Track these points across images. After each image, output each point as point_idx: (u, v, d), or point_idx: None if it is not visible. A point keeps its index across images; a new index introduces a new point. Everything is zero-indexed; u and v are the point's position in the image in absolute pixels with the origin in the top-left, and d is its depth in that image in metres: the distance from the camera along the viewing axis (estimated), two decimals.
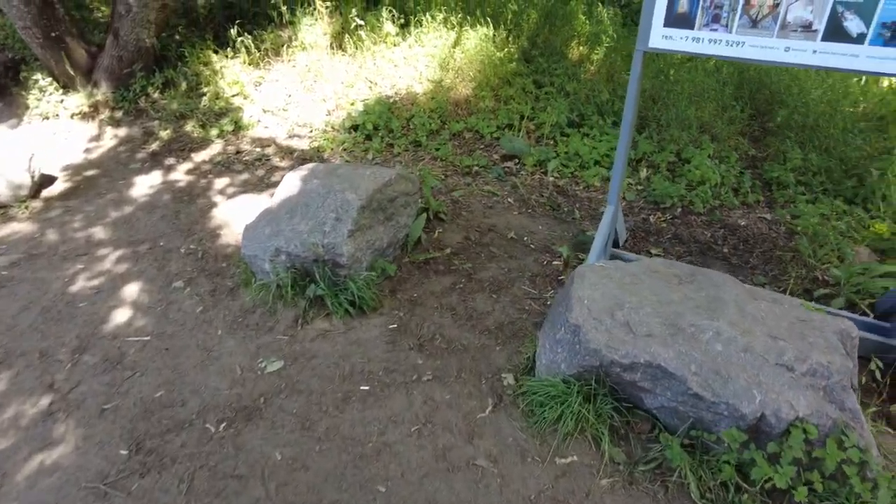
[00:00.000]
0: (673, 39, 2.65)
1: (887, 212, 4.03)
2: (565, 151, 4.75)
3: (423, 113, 5.27)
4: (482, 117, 5.20)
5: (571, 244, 3.61)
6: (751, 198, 4.25)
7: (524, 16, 6.33)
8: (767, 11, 2.43)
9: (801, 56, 2.43)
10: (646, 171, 4.54)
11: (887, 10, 2.23)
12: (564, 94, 5.53)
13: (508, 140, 4.72)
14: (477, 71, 5.63)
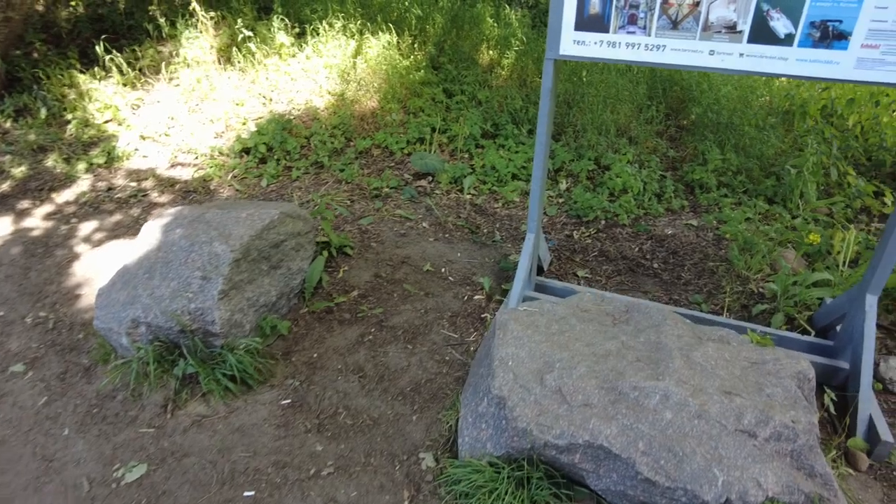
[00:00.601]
0: (586, 45, 2.30)
1: (806, 209, 3.91)
2: (481, 165, 4.38)
3: (325, 130, 4.75)
4: (390, 132, 4.75)
5: (493, 273, 3.23)
6: (675, 203, 4.02)
7: (429, 21, 5.92)
8: (688, 11, 2.11)
9: (728, 60, 2.13)
10: (565, 183, 4.23)
11: (815, 9, 1.96)
12: (476, 102, 5.16)
13: (420, 157, 4.29)
14: (382, 81, 5.17)
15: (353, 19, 5.71)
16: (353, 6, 5.91)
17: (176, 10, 5.73)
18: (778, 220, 3.81)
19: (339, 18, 5.67)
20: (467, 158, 4.57)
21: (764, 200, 4.04)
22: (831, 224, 3.84)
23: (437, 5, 6.23)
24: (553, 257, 3.40)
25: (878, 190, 4.12)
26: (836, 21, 1.95)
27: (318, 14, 5.93)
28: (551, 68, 2.39)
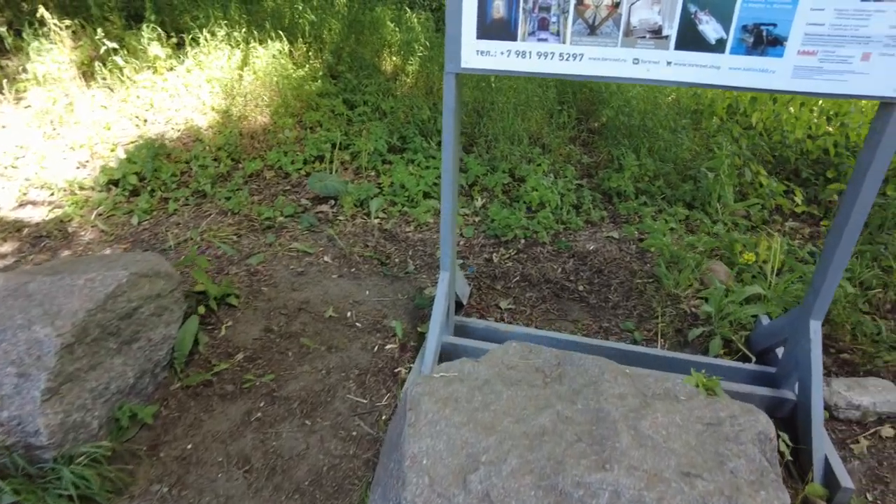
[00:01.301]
0: (492, 55, 1.92)
1: (725, 213, 3.78)
2: (389, 184, 3.95)
3: (209, 152, 4.15)
4: (285, 150, 4.21)
5: (407, 312, 2.81)
6: (594, 215, 3.77)
7: (325, 26, 5.41)
8: (606, 13, 1.78)
9: (654, 70, 1.82)
10: (480, 199, 3.88)
11: (747, 10, 1.67)
12: (381, 114, 4.72)
13: (319, 179, 3.79)
14: (273, 94, 4.61)
15: (238, 27, 5.10)
16: (238, 13, 5.29)
17: (22, 17, 4.88)
18: (700, 227, 3.64)
19: (221, 26, 5.04)
20: (373, 177, 4.12)
21: (683, 206, 3.88)
22: (752, 227, 3.72)
23: (333, 9, 5.72)
24: (473, 287, 3.02)
25: (788, 189, 4.07)
26: (771, 24, 1.68)
27: (199, 21, 5.27)
28: (453, 83, 2.00)
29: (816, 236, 3.72)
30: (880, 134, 1.78)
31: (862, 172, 1.85)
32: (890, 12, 1.61)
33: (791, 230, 3.81)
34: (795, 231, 3.80)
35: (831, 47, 1.68)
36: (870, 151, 1.82)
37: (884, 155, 1.80)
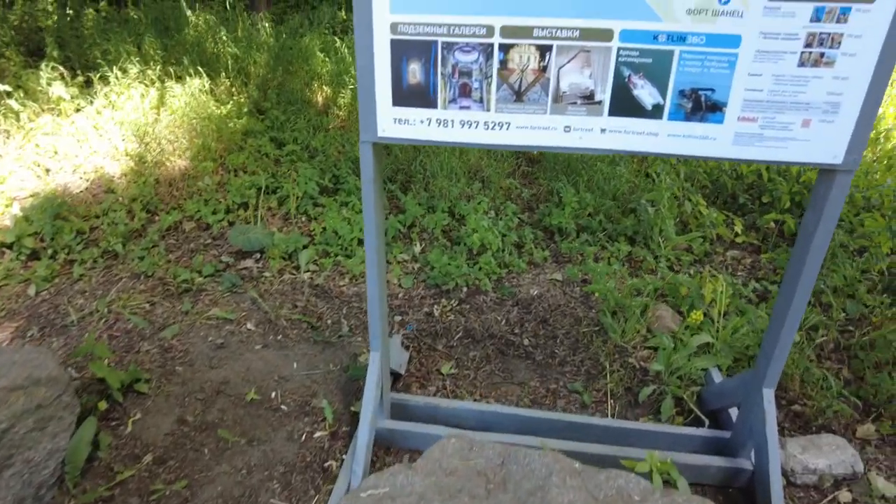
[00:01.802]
0: (411, 124, 1.71)
1: (667, 247, 3.70)
2: (321, 231, 3.68)
3: (121, 204, 3.78)
4: (205, 199, 3.88)
5: (340, 386, 2.55)
6: (537, 255, 3.62)
7: (249, 59, 5.10)
8: (533, 78, 1.60)
9: (587, 137, 1.66)
10: (420, 244, 3.67)
11: (683, 75, 1.53)
12: (311, 152, 4.45)
13: (241, 231, 3.49)
14: (193, 136, 4.28)
15: (153, 63, 4.73)
16: (153, 47, 4.92)
17: None
18: (643, 265, 3.55)
19: (134, 63, 4.66)
20: (304, 223, 3.85)
21: (625, 240, 3.78)
22: (695, 261, 3.65)
23: (259, 40, 5.42)
24: (412, 349, 2.80)
25: (728, 217, 4.04)
26: (709, 90, 1.54)
27: (110, 58, 4.87)
28: (370, 153, 1.78)
29: (758, 266, 3.69)
30: (824, 200, 1.67)
31: (807, 238, 1.74)
32: (827, 79, 1.50)
33: (733, 260, 3.78)
34: (737, 261, 3.77)
35: (771, 113, 1.56)
36: (814, 216, 1.71)
37: (828, 221, 1.69)
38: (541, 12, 1.51)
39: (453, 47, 1.58)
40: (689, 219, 3.98)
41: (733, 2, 1.44)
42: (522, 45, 1.55)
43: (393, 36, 1.59)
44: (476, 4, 1.51)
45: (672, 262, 3.59)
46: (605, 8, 1.48)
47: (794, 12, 1.44)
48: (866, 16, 1.43)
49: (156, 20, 5.76)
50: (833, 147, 1.58)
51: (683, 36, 1.49)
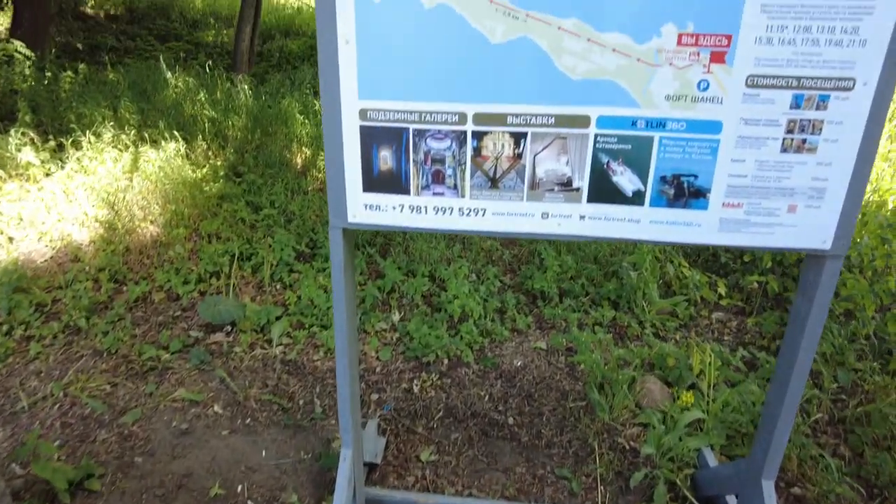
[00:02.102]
0: (382, 210, 1.62)
1: (651, 312, 3.62)
2: (296, 301, 3.54)
3: (87, 275, 3.61)
4: (176, 267, 3.74)
5: (311, 478, 2.37)
6: (520, 322, 3.51)
7: (227, 122, 5.06)
8: (508, 165, 1.53)
9: (566, 224, 1.58)
10: (399, 312, 3.54)
11: (664, 161, 1.47)
12: (288, 216, 4.36)
13: (212, 304, 3.34)
14: (165, 201, 4.17)
15: (129, 127, 4.66)
16: (129, 111, 4.86)
17: None
18: (628, 331, 3.45)
19: (109, 128, 4.59)
20: (279, 291, 3.71)
21: (609, 305, 3.70)
22: (680, 325, 3.57)
23: (237, 103, 5.40)
24: (389, 433, 2.63)
25: (711, 279, 3.99)
26: (691, 176, 1.48)
27: (85, 121, 4.80)
28: (340, 239, 1.68)
29: (744, 329, 3.62)
30: (814, 286, 1.60)
31: (800, 324, 1.66)
32: (811, 164, 1.45)
33: (718, 323, 3.70)
34: (723, 324, 3.69)
35: (756, 199, 1.49)
36: (805, 302, 1.63)
37: (820, 307, 1.61)
38: (514, 99, 1.45)
39: (425, 134, 1.51)
40: (671, 280, 3.92)
41: (712, 88, 1.40)
42: (496, 132, 1.49)
43: (362, 122, 1.52)
44: (448, 92, 1.45)
45: (657, 328, 3.51)
46: (580, 94, 1.43)
47: (773, 99, 1.40)
48: (846, 103, 1.40)
49: (134, 83, 5.73)
50: (821, 232, 1.52)
51: (663, 122, 1.44)
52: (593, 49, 1.39)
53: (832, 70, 1.37)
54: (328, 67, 1.48)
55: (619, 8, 1.36)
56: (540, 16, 1.38)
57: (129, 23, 9.82)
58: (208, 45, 9.31)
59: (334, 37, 1.45)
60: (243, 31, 7.43)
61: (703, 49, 1.36)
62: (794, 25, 1.33)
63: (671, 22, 1.35)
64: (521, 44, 1.40)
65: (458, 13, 1.40)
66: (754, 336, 3.54)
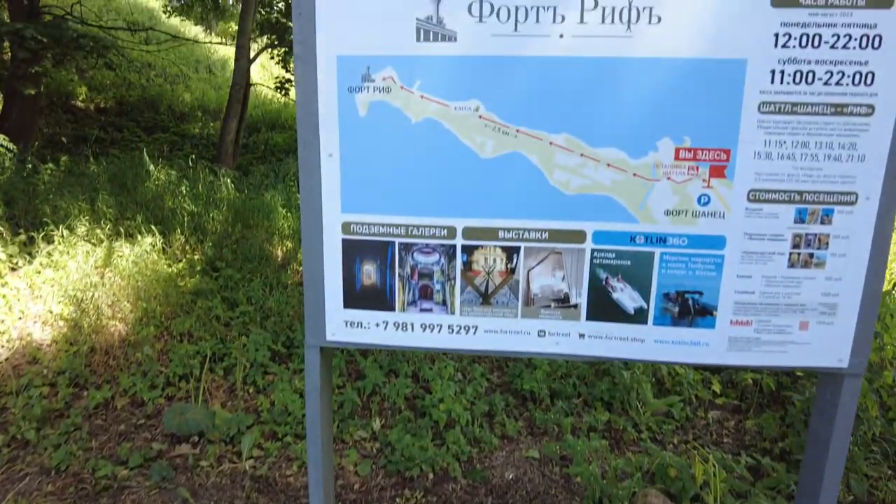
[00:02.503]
0: (364, 327, 1.49)
1: (646, 413, 3.44)
2: (269, 407, 3.30)
3: (43, 379, 3.35)
4: (143, 370, 3.50)
5: None
6: (510, 427, 3.29)
7: (207, 216, 4.98)
8: (500, 280, 1.43)
9: (565, 343, 1.45)
10: (378, 421, 3.31)
11: (666, 277, 1.38)
12: (265, 313, 4.18)
13: (178, 412, 3.08)
14: (137, 298, 3.98)
15: (103, 222, 4.55)
16: (106, 204, 4.77)
17: None
18: (624, 436, 3.25)
19: (83, 223, 4.47)
20: (251, 397, 3.47)
21: (602, 406, 3.51)
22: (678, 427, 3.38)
23: (218, 196, 5.36)
24: None
25: (704, 377, 3.85)
26: (696, 293, 1.38)
27: (61, 214, 4.68)
28: (317, 359, 1.53)
29: (743, 430, 3.45)
30: (833, 407, 1.47)
31: (820, 449, 1.51)
32: (820, 279, 1.37)
33: (716, 423, 3.53)
34: (721, 425, 3.52)
35: (766, 316, 1.40)
36: (825, 425, 1.50)
37: (842, 431, 1.48)
38: (506, 214, 1.37)
39: (412, 248, 1.41)
40: (664, 378, 3.78)
41: (713, 202, 1.34)
42: (487, 246, 1.40)
43: (345, 236, 1.42)
44: (436, 206, 1.37)
45: (654, 432, 3.32)
46: (575, 209, 1.36)
47: (776, 213, 1.34)
48: (850, 217, 1.34)
49: (115, 175, 5.69)
50: (836, 350, 1.41)
51: (663, 237, 1.36)
52: (587, 164, 1.33)
53: (833, 184, 1.32)
54: (310, 181, 1.40)
55: (612, 123, 1.31)
56: (530, 131, 1.33)
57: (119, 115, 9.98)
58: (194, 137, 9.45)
59: (317, 150, 1.38)
60: (229, 125, 7.56)
61: (701, 163, 1.31)
62: (792, 141, 1.29)
63: (667, 136, 1.31)
64: (511, 159, 1.34)
65: (446, 128, 1.34)
66: (755, 438, 3.37)
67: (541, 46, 1.31)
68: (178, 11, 10.62)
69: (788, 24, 1.26)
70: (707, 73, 1.28)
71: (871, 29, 1.25)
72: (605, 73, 1.31)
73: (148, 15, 13.04)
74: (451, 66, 1.33)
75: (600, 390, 3.58)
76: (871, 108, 1.28)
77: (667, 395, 3.65)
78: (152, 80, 10.96)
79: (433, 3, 1.31)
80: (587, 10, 1.29)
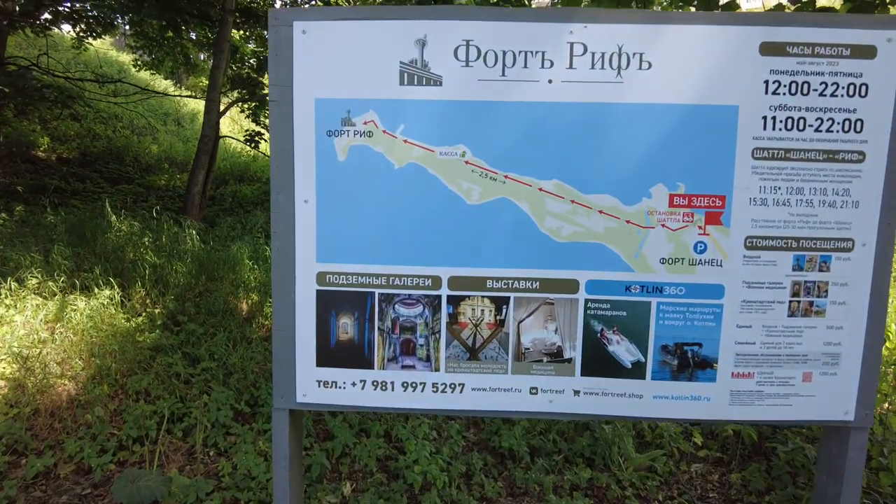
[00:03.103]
0: (340, 387, 1.35)
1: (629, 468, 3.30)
2: (231, 472, 3.04)
3: None
4: (93, 433, 3.20)
5: None
6: (489, 488, 3.10)
7: (169, 268, 4.76)
8: (489, 333, 1.32)
9: (559, 401, 1.34)
10: (349, 485, 3.08)
11: (663, 328, 1.30)
12: (228, 369, 3.94)
13: (129, 479, 2.79)
14: (91, 355, 3.70)
15: (59, 273, 4.29)
16: (62, 256, 4.52)
17: None
18: (608, 494, 3.09)
19: (36, 275, 4.20)
20: (212, 460, 3.20)
21: (584, 463, 3.36)
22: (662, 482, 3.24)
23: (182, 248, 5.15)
24: None
25: (685, 429, 3.75)
26: (695, 344, 1.30)
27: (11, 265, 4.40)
28: (286, 423, 1.37)
29: (727, 484, 3.33)
30: (840, 461, 1.38)
31: None
32: (821, 328, 1.31)
33: (699, 477, 3.40)
34: (704, 478, 3.39)
35: (768, 368, 1.32)
36: (833, 481, 1.41)
37: (852, 488, 1.39)
38: (494, 263, 1.28)
39: (393, 300, 1.30)
40: (645, 431, 3.66)
41: (710, 250, 1.27)
42: (475, 297, 1.30)
43: (320, 287, 1.30)
44: (420, 254, 1.27)
45: (638, 488, 3.17)
46: (567, 258, 1.28)
47: (775, 261, 1.28)
48: (847, 264, 1.29)
49: (73, 226, 5.44)
50: (842, 402, 1.34)
51: (660, 286, 1.28)
52: (578, 211, 1.26)
53: (829, 231, 1.28)
54: (283, 228, 1.29)
55: (604, 169, 1.26)
56: (519, 177, 1.26)
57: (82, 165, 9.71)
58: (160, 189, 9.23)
59: (291, 195, 1.28)
60: (197, 176, 7.41)
61: (697, 210, 1.25)
62: (787, 187, 1.25)
63: (661, 183, 1.25)
64: (500, 205, 1.27)
65: (430, 173, 1.26)
66: (740, 492, 3.25)
67: (529, 92, 1.26)
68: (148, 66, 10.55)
69: (777, 72, 1.24)
70: (700, 119, 1.25)
71: (857, 78, 1.25)
72: (595, 118, 1.26)
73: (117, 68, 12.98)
74: (437, 110, 1.26)
75: (581, 446, 3.43)
76: (863, 154, 1.26)
77: (648, 448, 3.53)
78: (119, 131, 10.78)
79: (418, 46, 1.25)
80: (576, 56, 1.25)
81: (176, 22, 8.36)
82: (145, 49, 9.84)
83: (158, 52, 9.92)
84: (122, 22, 9.45)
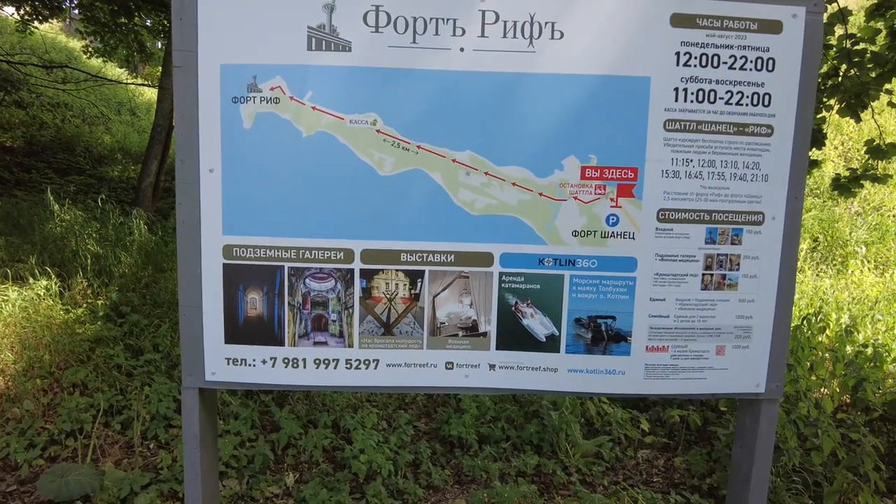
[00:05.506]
0: (249, 365, 1.31)
1: (576, 455, 3.33)
2: (170, 465, 2.95)
3: None
4: (22, 427, 3.07)
5: None
6: (436, 476, 3.08)
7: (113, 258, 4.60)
8: (404, 308, 1.29)
9: (475, 375, 1.32)
10: (292, 476, 3.02)
11: (577, 302, 1.30)
12: (173, 361, 3.83)
13: (57, 474, 2.68)
14: (23, 347, 3.55)
15: None
16: None
17: None
18: (554, 479, 3.12)
19: None
20: (152, 453, 3.10)
21: (532, 450, 3.37)
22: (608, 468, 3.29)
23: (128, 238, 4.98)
24: None
25: (633, 416, 3.80)
26: (609, 317, 1.30)
27: None
28: (196, 402, 1.32)
29: (672, 468, 3.39)
30: (752, 434, 1.41)
31: (743, 479, 1.43)
32: (734, 301, 1.33)
33: (645, 462, 3.46)
34: (650, 464, 3.45)
35: (682, 341, 1.33)
36: (746, 454, 1.43)
37: (763, 458, 1.41)
38: (408, 235, 1.26)
39: (304, 273, 1.26)
40: (594, 418, 3.70)
41: (622, 223, 1.27)
42: (388, 270, 1.27)
43: (226, 260, 1.25)
44: (331, 227, 1.24)
45: (584, 474, 3.20)
46: (481, 231, 1.26)
47: (687, 233, 1.29)
48: (758, 237, 1.31)
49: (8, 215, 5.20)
50: (753, 375, 1.36)
51: (572, 259, 1.28)
52: (492, 183, 1.25)
53: (741, 204, 1.29)
54: (187, 199, 1.24)
55: (517, 141, 1.24)
56: (432, 148, 1.24)
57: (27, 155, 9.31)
58: (112, 181, 8.93)
59: (196, 165, 1.23)
60: (149, 167, 7.18)
61: (609, 182, 1.25)
62: (699, 159, 1.26)
63: (573, 155, 1.24)
64: (413, 176, 1.24)
65: (341, 142, 1.23)
66: (683, 475, 3.31)
67: (441, 60, 1.23)
68: (100, 53, 10.16)
69: (688, 44, 1.25)
70: (612, 91, 1.24)
71: (764, 52, 1.26)
72: (508, 88, 1.24)
73: (66, 55, 12.48)
74: (346, 76, 1.23)
75: (529, 433, 3.45)
76: (771, 128, 1.27)
77: (596, 435, 3.57)
78: (69, 120, 10.38)
79: (326, 11, 1.22)
80: (488, 24, 1.23)
81: (128, 6, 8.07)
82: (96, 35, 9.48)
83: (111, 39, 9.56)
84: (70, 5, 9.08)
